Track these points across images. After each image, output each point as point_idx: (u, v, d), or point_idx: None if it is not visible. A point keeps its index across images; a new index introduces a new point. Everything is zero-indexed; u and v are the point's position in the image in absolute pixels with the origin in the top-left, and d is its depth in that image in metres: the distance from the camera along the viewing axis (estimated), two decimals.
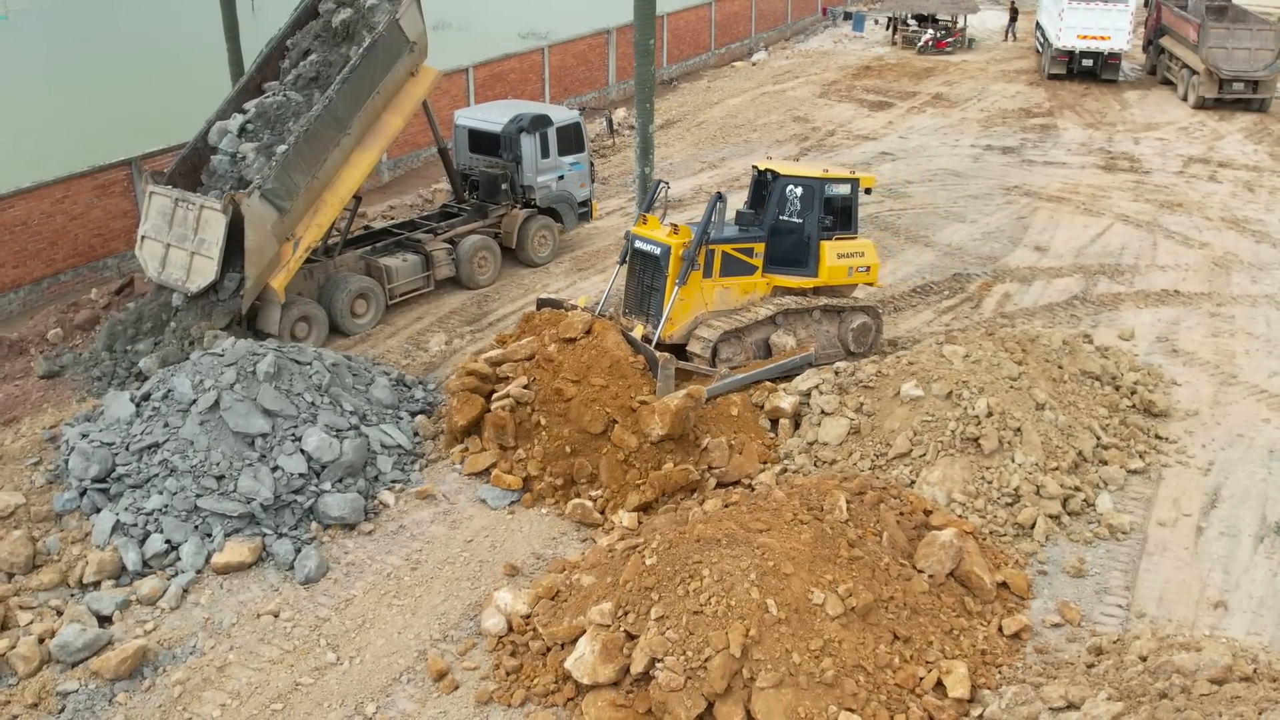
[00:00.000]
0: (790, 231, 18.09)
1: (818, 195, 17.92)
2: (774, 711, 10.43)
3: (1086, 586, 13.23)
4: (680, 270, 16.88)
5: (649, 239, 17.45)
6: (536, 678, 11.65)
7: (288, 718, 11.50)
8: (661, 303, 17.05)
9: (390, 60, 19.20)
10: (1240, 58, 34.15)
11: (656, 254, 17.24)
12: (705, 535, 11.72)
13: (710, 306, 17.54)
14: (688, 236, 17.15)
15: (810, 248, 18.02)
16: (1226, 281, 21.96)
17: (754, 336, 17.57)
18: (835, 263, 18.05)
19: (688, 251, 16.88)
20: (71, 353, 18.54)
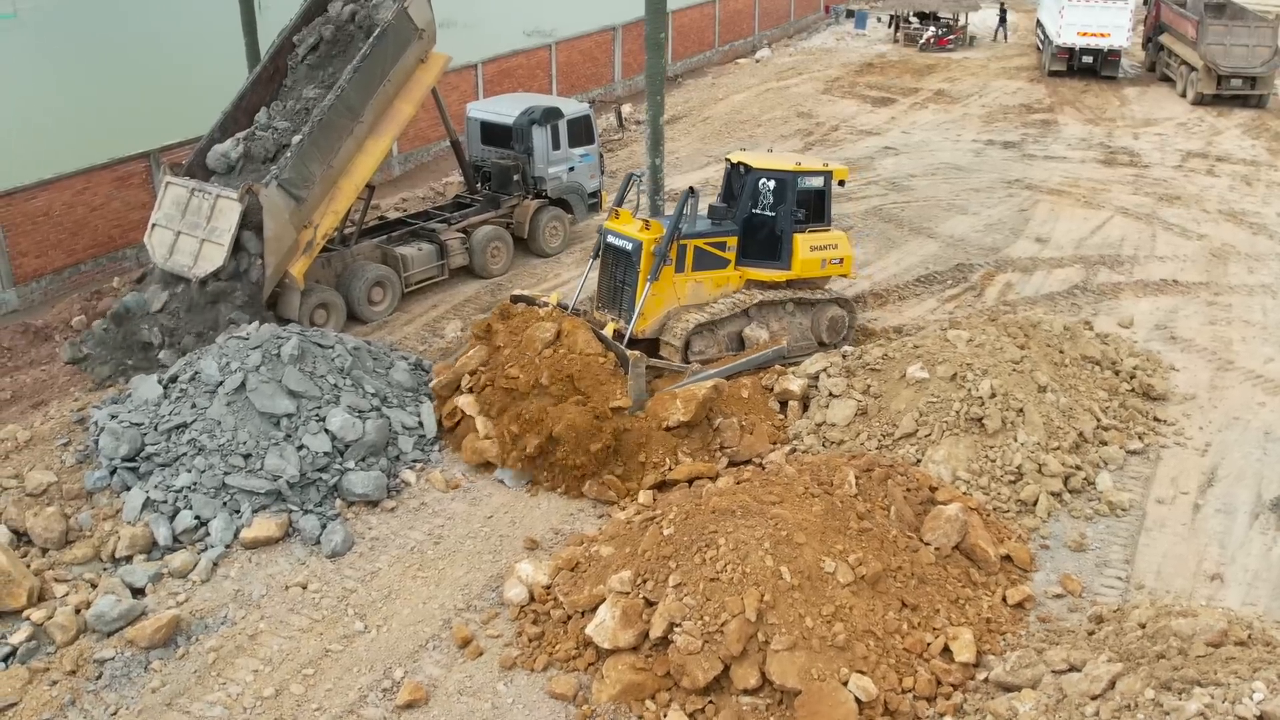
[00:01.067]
0: (763, 224, 18.05)
1: (790, 188, 17.83)
2: (788, 672, 10.88)
3: (1087, 560, 13.69)
4: (652, 266, 16.83)
5: (621, 234, 17.38)
6: (558, 644, 12.11)
7: (319, 682, 11.95)
8: (634, 298, 17.04)
9: (400, 48, 19.63)
10: (1238, 54, 34.60)
11: (628, 249, 17.16)
12: (720, 507, 12.18)
13: (683, 301, 17.46)
14: (659, 232, 17.07)
15: (783, 241, 17.97)
16: (1224, 272, 22.42)
17: (727, 330, 17.56)
18: (808, 255, 18.05)
19: (659, 247, 16.84)
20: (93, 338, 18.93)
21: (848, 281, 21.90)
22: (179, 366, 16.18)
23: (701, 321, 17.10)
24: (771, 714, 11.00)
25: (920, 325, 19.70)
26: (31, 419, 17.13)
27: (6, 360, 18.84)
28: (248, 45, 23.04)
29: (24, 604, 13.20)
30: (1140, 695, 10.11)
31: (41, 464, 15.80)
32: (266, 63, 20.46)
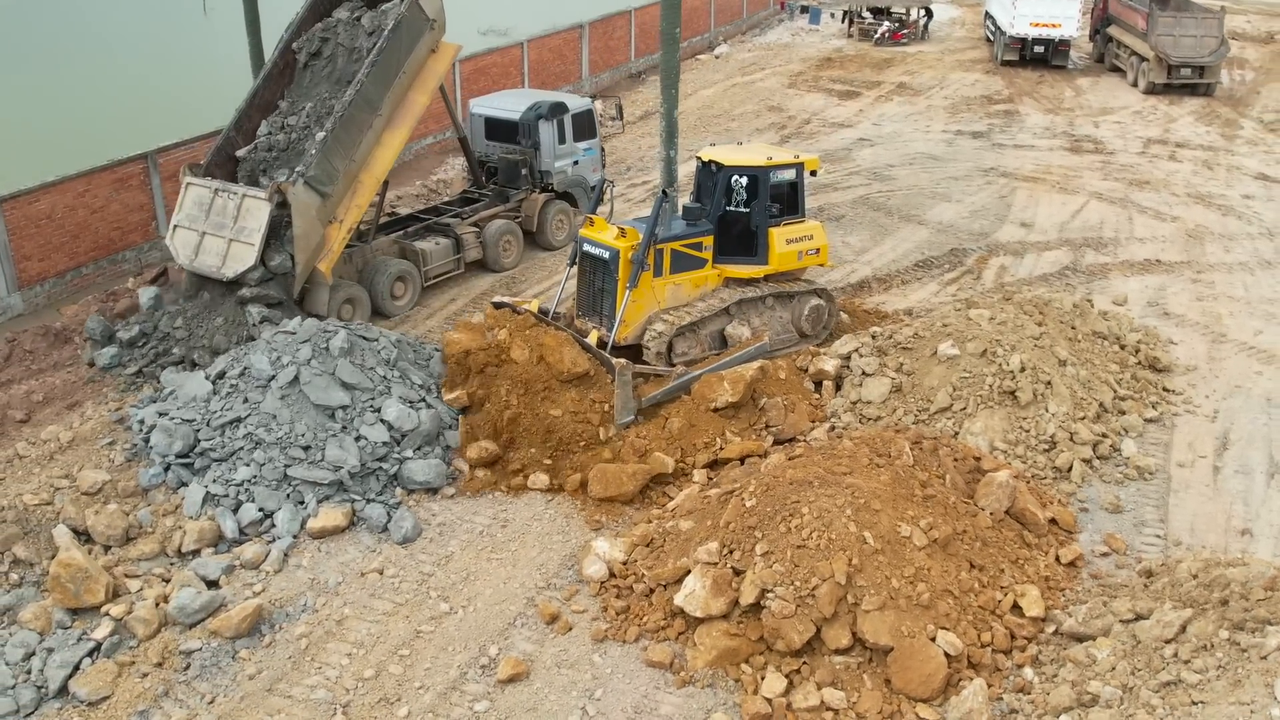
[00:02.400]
0: (737, 221, 18.05)
1: (763, 183, 17.81)
2: (880, 631, 11.47)
3: (1125, 520, 14.50)
4: (630, 273, 16.79)
5: (597, 242, 17.28)
6: (646, 615, 12.56)
7: (415, 661, 12.26)
8: (614, 305, 16.99)
9: (413, 39, 19.86)
10: (1187, 45, 36.06)
11: (605, 258, 17.11)
12: (797, 478, 12.73)
13: (663, 304, 17.41)
14: (636, 238, 16.96)
15: (759, 236, 18.00)
16: (1202, 251, 23.54)
17: (708, 329, 17.61)
18: (785, 249, 18.06)
19: (637, 254, 16.75)
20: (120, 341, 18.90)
21: (850, 268, 22.71)
22: (227, 362, 16.30)
23: (683, 324, 17.12)
24: (863, 671, 11.59)
25: (929, 307, 20.43)
26: (69, 420, 17.11)
27: (30, 364, 18.73)
28: (251, 45, 23.05)
29: (102, 600, 13.31)
30: (1214, 636, 10.87)
31: (90, 463, 15.87)
32: (277, 58, 20.53)
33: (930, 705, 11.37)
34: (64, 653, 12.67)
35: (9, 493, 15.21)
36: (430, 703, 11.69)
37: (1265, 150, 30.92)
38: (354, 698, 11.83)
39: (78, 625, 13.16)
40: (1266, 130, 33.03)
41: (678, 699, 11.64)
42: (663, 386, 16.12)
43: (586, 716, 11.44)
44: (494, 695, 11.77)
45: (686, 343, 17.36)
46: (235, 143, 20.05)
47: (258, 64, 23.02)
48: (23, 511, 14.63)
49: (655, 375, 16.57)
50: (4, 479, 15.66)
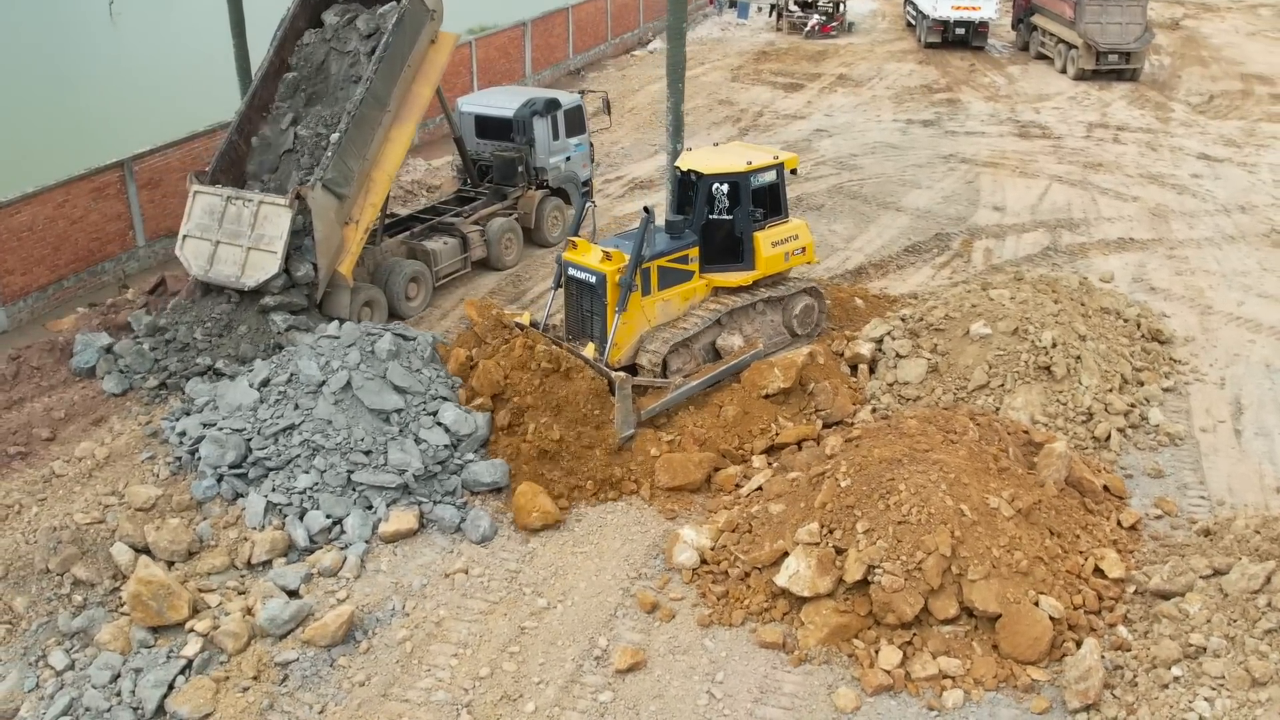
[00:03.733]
0: (720, 227, 17.75)
1: (744, 189, 17.53)
2: (988, 599, 11.93)
3: (1168, 484, 15.25)
4: (619, 296, 16.45)
5: (583, 266, 16.88)
6: (748, 599, 12.81)
7: (527, 657, 12.31)
8: (604, 327, 16.68)
9: (415, 31, 19.69)
10: (1114, 32, 37.63)
11: (592, 282, 16.76)
12: (887, 457, 13.12)
13: (653, 323, 17.13)
14: (622, 260, 16.57)
15: (744, 242, 17.78)
16: (1169, 229, 24.70)
17: (701, 342, 17.36)
18: (771, 252, 17.89)
19: (625, 277, 16.42)
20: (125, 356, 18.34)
21: (843, 255, 23.25)
22: (270, 369, 15.99)
23: (676, 340, 16.90)
24: (971, 639, 12.04)
25: (931, 290, 21.04)
26: (98, 436, 16.61)
27: (42, 380, 18.07)
28: (236, 47, 22.53)
29: (186, 616, 13.05)
30: None
31: (134, 479, 15.46)
32: (272, 56, 20.14)
33: (1038, 667, 11.86)
34: (156, 672, 12.39)
35: (56, 513, 14.76)
36: (554, 696, 11.76)
37: (1200, 131, 32.47)
38: (474, 697, 11.83)
39: (161, 643, 12.89)
40: (1196, 112, 34.66)
41: (797, 677, 11.92)
42: (662, 399, 15.98)
43: (713, 700, 11.64)
44: (615, 685, 11.88)
45: (680, 359, 17.07)
46: (238, 147, 19.64)
47: (243, 65, 22.52)
48: (77, 531, 14.20)
49: (654, 387, 16.36)
50: (45, 499, 15.15)
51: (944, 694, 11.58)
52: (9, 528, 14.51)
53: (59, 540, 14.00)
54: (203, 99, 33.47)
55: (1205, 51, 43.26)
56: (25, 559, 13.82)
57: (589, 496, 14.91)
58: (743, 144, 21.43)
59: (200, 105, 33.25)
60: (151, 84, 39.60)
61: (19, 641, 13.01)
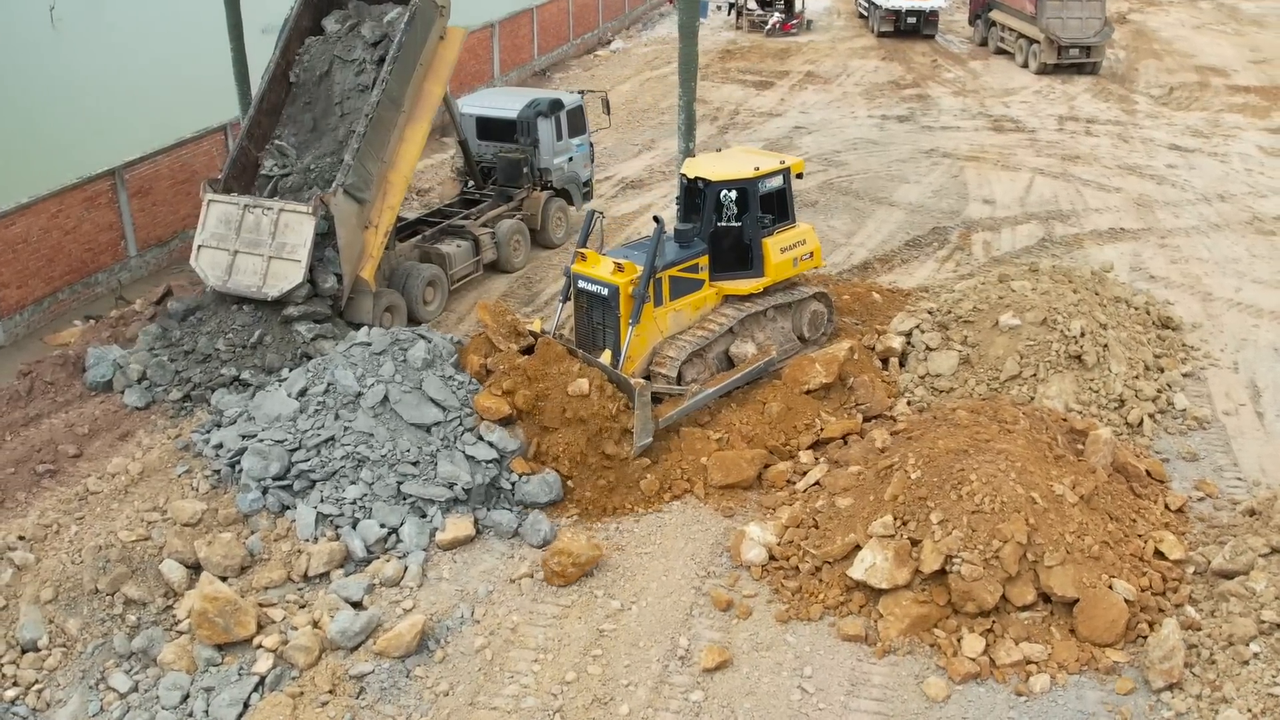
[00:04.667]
0: (728, 234, 17.53)
1: (752, 195, 17.30)
2: (1066, 584, 12.15)
3: (1203, 467, 15.64)
4: (632, 309, 16.16)
5: (594, 279, 16.52)
6: (822, 593, 12.89)
7: (610, 660, 12.27)
8: (616, 339, 16.36)
9: (426, 29, 19.47)
10: (1074, 26, 38.44)
11: (604, 294, 16.42)
12: (953, 448, 13.30)
13: (665, 333, 16.86)
14: (634, 272, 16.26)
15: (753, 249, 17.55)
16: (1155, 219, 25.29)
17: (714, 351, 17.10)
18: (780, 258, 17.67)
19: (638, 289, 16.12)
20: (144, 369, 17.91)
21: (847, 251, 23.47)
22: (307, 379, 15.70)
23: (692, 350, 16.64)
24: (1049, 624, 12.26)
25: (939, 283, 21.31)
26: (127, 451, 16.22)
27: (56, 396, 17.59)
28: (234, 51, 22.09)
29: (253, 631, 12.81)
30: None
31: (174, 494, 15.12)
32: (279, 58, 19.80)
33: (1115, 649, 12.10)
34: (229, 690, 12.18)
35: (97, 531, 14.38)
36: (646, 698, 11.74)
37: (1167, 123, 33.29)
38: (564, 701, 11.77)
39: (229, 661, 12.64)
40: (1159, 104, 35.53)
41: (883, 669, 12.03)
42: (678, 407, 15.81)
43: (806, 695, 11.71)
44: (704, 684, 11.90)
45: (695, 369, 16.81)
46: (249, 152, 19.28)
47: (240, 70, 22.10)
48: (124, 550, 13.86)
49: (670, 395, 16.16)
50: (84, 517, 14.75)
51: (1030, 679, 11.76)
52: (50, 548, 14.11)
53: (107, 559, 13.66)
54: (174, 104, 32.91)
55: (1157, 45, 44.33)
56: (74, 580, 13.47)
57: (646, 502, 14.86)
58: (745, 149, 21.39)
59: (170, 111, 32.82)
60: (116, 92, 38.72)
61: (76, 665, 12.69)
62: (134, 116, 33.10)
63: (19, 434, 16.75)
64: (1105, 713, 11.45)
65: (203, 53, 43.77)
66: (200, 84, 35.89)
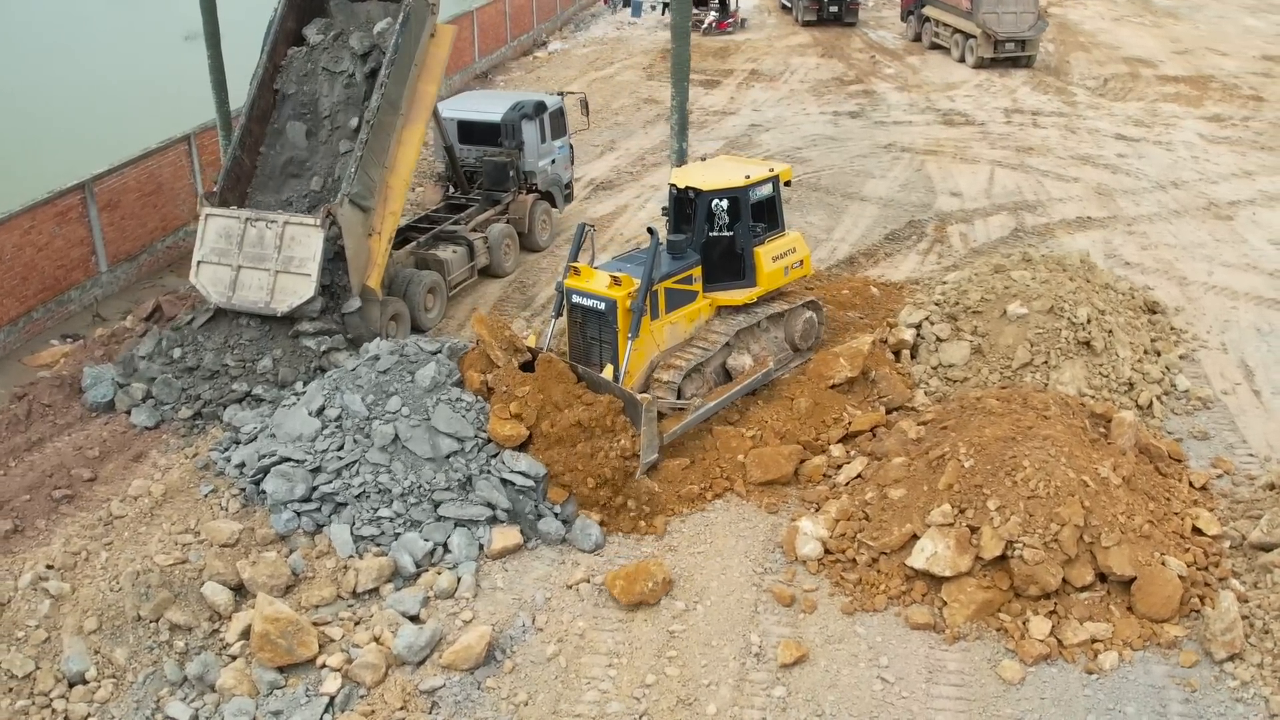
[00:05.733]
0: (717, 243, 17.21)
1: (744, 204, 17.04)
2: (1124, 564, 12.52)
3: (1215, 445, 16.22)
4: (631, 323, 15.84)
5: (589, 293, 16.14)
6: (883, 583, 13.08)
7: (688, 661, 12.30)
8: (614, 355, 16.04)
9: (420, 28, 19.20)
10: (1009, 20, 39.45)
11: (601, 309, 16.05)
12: (1000, 435, 13.60)
13: (662, 347, 16.53)
14: (631, 285, 15.91)
15: (745, 258, 17.33)
16: (1118, 206, 26.11)
17: (712, 365, 16.80)
18: (772, 267, 17.43)
19: (636, 303, 15.79)
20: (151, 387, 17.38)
21: (831, 247, 23.80)
22: (324, 397, 15.29)
23: (690, 366, 16.34)
24: (1107, 602, 12.62)
25: (926, 276, 21.72)
26: (144, 472, 15.74)
27: (56, 418, 16.98)
28: (211, 58, 21.49)
29: (315, 651, 12.55)
30: None
31: (204, 515, 14.73)
32: (266, 62, 19.37)
33: (1172, 624, 12.51)
34: (300, 713, 11.97)
35: (131, 556, 13.94)
36: (730, 696, 11.80)
37: (1108, 113, 34.36)
38: (648, 705, 11.77)
39: (293, 683, 12.36)
40: (1097, 95, 36.65)
41: (956, 655, 12.27)
42: (681, 422, 15.55)
43: (887, 684, 11.88)
44: (785, 680, 11.99)
45: (694, 383, 16.47)
46: (242, 162, 18.82)
47: (218, 78, 21.54)
48: (163, 574, 13.45)
49: (674, 410, 15.89)
50: (112, 542, 14.28)
51: (1098, 657, 12.10)
52: (85, 576, 13.63)
53: (147, 585, 13.25)
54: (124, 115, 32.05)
55: (1083, 38, 45.71)
56: (115, 608, 13.04)
57: (689, 502, 14.90)
58: (730, 157, 21.43)
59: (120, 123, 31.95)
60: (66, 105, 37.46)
61: (129, 695, 12.32)
62: (88, 129, 32.08)
63: (23, 459, 16.14)
64: (1174, 685, 11.83)
65: (144, 62, 42.71)
66: (150, 93, 35.10)
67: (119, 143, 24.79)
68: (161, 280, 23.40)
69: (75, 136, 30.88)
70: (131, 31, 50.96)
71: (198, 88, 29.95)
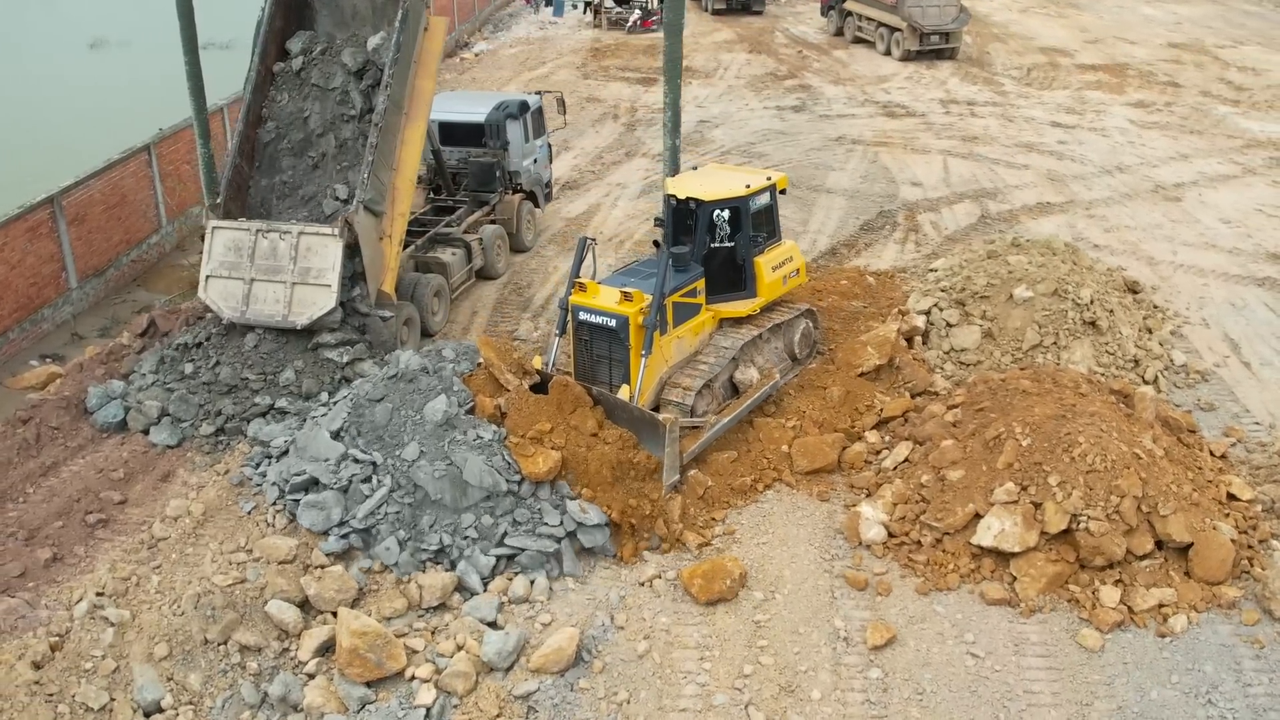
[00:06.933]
0: (717, 255, 17.03)
1: (745, 214, 16.90)
2: (1182, 531, 13.11)
3: (1223, 415, 17.04)
4: (644, 339, 15.52)
5: (598, 310, 15.76)
6: (952, 562, 13.45)
7: (781, 649, 12.47)
8: (625, 372, 15.71)
9: (417, 24, 18.92)
10: (933, 14, 40.54)
11: (612, 326, 15.67)
12: (1051, 414, 14.08)
13: (670, 362, 16.24)
14: (642, 301, 15.58)
15: (746, 269, 17.21)
16: (1072, 191, 27.11)
17: (720, 380, 16.55)
18: (772, 277, 17.35)
19: (649, 319, 15.46)
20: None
21: (811, 239, 24.21)
22: (343, 420, 14.88)
23: (702, 383, 16.06)
24: (1166, 568, 13.20)
25: (910, 265, 22.26)
26: (176, 492, 15.25)
27: (67, 441, 16.31)
28: (188, 65, 20.74)
29: (404, 664, 12.38)
30: None
31: (253, 533, 14.37)
32: (259, 65, 18.89)
33: (1226, 585, 13.14)
34: None
35: (186, 578, 13.54)
36: (830, 681, 12.01)
37: (1038, 101, 35.59)
38: (750, 695, 11.90)
39: (384, 696, 12.18)
40: (1024, 85, 37.92)
41: (1035, 626, 12.69)
42: (699, 439, 15.21)
43: (978, 659, 12.23)
44: (878, 661, 12.26)
45: (705, 401, 16.15)
46: (243, 170, 18.33)
47: (196, 85, 20.88)
48: (226, 595, 13.09)
49: (692, 428, 15.50)
50: (160, 565, 13.83)
51: (1167, 621, 12.65)
52: (141, 603, 13.18)
53: (212, 607, 12.91)
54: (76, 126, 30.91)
55: (996, 29, 47.17)
56: (183, 632, 12.69)
57: (742, 495, 15.07)
58: (719, 165, 21.09)
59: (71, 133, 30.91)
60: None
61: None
62: (40, 141, 30.93)
63: (40, 485, 15.50)
64: (1241, 643, 12.45)
65: (52, 73, 41.12)
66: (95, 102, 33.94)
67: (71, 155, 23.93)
68: (131, 295, 22.69)
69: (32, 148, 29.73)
70: (26, 42, 49.11)
71: (118, 96, 28.94)
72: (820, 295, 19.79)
